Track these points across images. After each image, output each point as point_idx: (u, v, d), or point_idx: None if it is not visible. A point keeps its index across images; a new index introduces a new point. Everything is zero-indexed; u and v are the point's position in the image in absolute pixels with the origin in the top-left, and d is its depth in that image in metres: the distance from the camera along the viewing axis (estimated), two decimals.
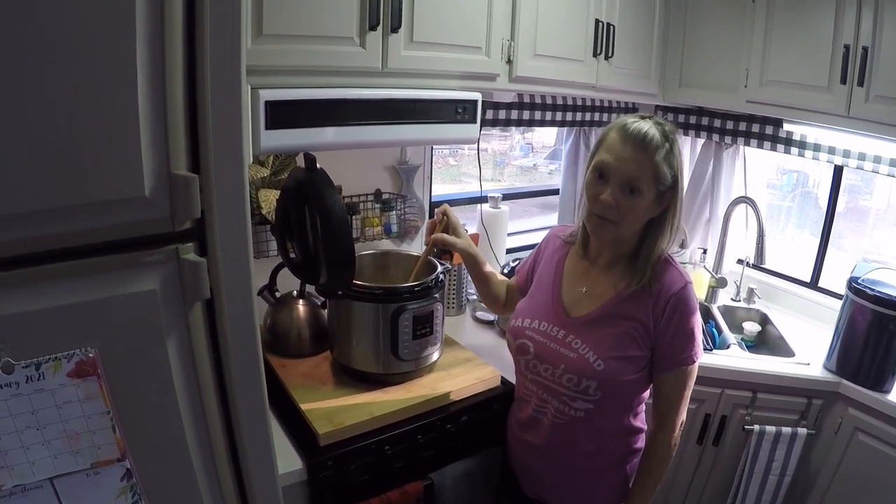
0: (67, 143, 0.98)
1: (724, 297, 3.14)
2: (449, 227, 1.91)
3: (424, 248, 1.96)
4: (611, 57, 2.55)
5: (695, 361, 1.59)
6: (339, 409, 1.81)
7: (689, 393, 1.63)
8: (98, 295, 1.07)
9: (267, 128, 1.64)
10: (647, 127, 1.49)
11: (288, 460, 1.64)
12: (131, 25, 0.99)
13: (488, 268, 2.00)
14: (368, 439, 1.76)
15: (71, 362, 1.06)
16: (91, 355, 1.08)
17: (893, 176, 2.50)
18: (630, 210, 1.50)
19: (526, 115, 2.87)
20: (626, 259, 1.63)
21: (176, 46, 1.06)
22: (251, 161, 2.01)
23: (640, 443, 1.74)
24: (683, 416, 1.65)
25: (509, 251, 3.05)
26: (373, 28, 1.80)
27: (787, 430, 2.38)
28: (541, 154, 4.75)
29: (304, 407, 1.80)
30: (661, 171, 1.48)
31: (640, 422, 1.74)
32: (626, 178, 1.48)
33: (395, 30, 1.84)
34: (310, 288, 2.14)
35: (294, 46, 1.70)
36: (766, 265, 3.03)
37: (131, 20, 0.99)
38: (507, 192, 3.15)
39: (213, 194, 1.14)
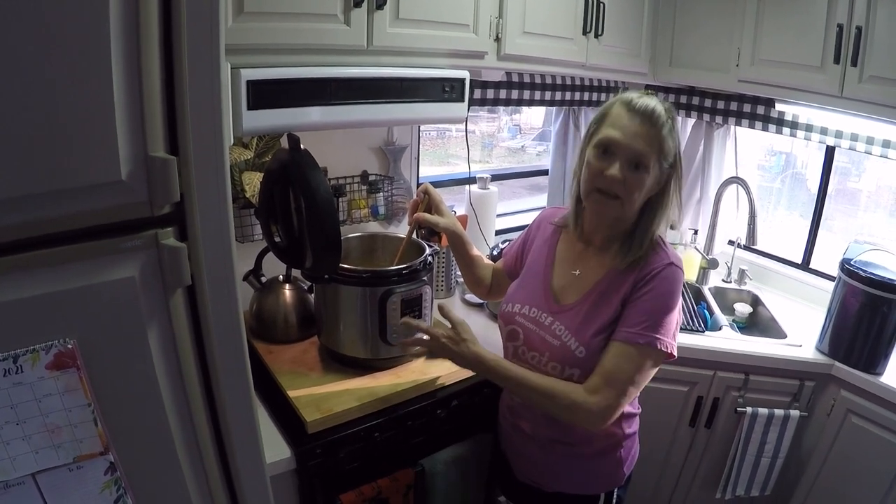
0: (39, 127, 0.94)
1: (716, 279, 3.13)
2: (431, 205, 1.86)
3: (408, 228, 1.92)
4: (601, 35, 2.52)
5: (654, 346, 1.47)
6: (327, 396, 1.78)
7: (636, 376, 1.49)
8: (75, 284, 1.04)
9: (249, 108, 1.60)
10: (653, 103, 1.46)
11: (276, 449, 1.62)
12: (104, 3, 0.94)
13: (474, 250, 1.97)
14: (357, 426, 1.74)
15: (49, 354, 1.03)
16: (70, 346, 1.04)
17: (886, 157, 2.48)
18: (637, 186, 1.47)
19: (514, 94, 2.83)
20: (620, 239, 1.59)
21: (151, 25, 1.01)
22: (233, 142, 1.96)
23: (634, 426, 1.73)
24: (618, 401, 1.48)
25: (498, 232, 3.03)
26: (357, 5, 1.75)
27: (779, 412, 2.38)
28: (528, 135, 4.73)
29: (291, 394, 1.78)
30: (667, 146, 1.46)
31: (633, 406, 1.71)
32: (635, 154, 1.45)
33: (380, 6, 1.80)
34: (296, 272, 2.11)
35: (276, 24, 1.66)
36: (758, 246, 3.01)
37: None
38: (495, 172, 3.11)
39: (192, 177, 1.10)
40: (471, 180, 2.83)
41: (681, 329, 1.58)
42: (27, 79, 0.91)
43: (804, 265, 3.08)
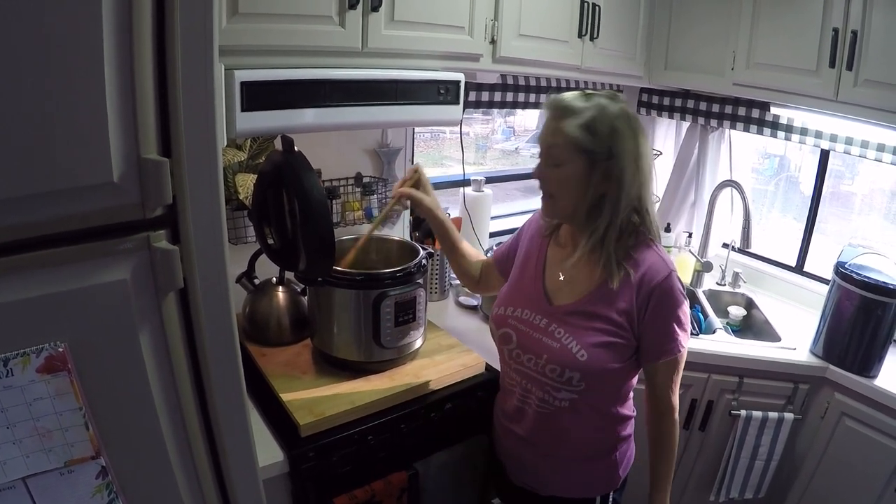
0: (30, 128, 0.93)
1: (710, 282, 3.13)
2: (419, 185, 1.82)
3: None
4: (596, 38, 2.52)
5: (683, 348, 1.57)
6: (320, 399, 1.78)
7: (679, 377, 1.61)
8: (66, 286, 1.03)
9: (243, 109, 1.59)
10: (570, 97, 1.48)
11: (269, 452, 1.61)
12: (97, 3, 0.94)
13: (460, 241, 1.93)
14: (351, 429, 1.73)
15: (40, 357, 1.02)
16: (61, 350, 1.03)
17: (881, 161, 2.48)
18: (557, 181, 1.50)
19: (509, 96, 2.83)
20: (600, 246, 1.58)
21: (145, 25, 1.01)
22: (226, 144, 1.96)
23: (629, 430, 1.73)
24: (677, 398, 1.64)
25: (492, 235, 3.02)
26: (352, 6, 1.75)
27: (773, 414, 2.38)
28: (523, 137, 4.73)
29: (284, 397, 1.77)
30: (575, 137, 1.44)
31: (628, 409, 1.71)
32: (546, 149, 1.51)
33: (375, 8, 1.80)
34: (289, 274, 2.10)
35: (271, 26, 1.65)
36: (752, 249, 3.01)
37: None
38: (489, 175, 3.10)
39: (184, 179, 1.09)
40: (465, 182, 2.83)
41: None
42: (18, 79, 0.90)
43: (798, 268, 3.08)
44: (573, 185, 1.49)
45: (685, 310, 1.57)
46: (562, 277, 1.63)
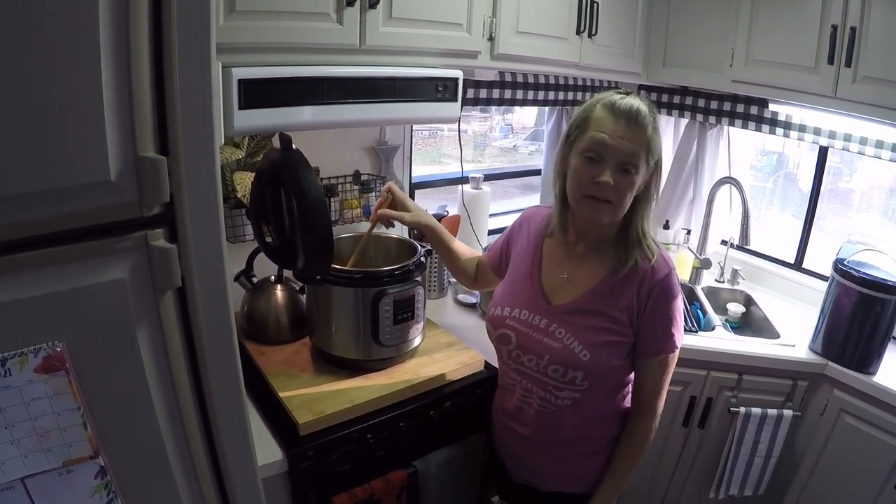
0: (27, 127, 0.92)
1: (708, 279, 3.13)
2: (396, 204, 1.83)
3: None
4: (594, 35, 2.51)
5: (677, 348, 1.57)
6: (319, 397, 1.77)
7: (669, 379, 1.61)
8: (63, 286, 1.02)
9: (240, 107, 1.58)
10: (636, 102, 1.44)
11: (268, 451, 1.61)
12: (94, 1, 0.93)
13: (454, 242, 1.95)
14: (350, 428, 1.73)
15: (38, 357, 1.01)
16: (58, 349, 1.03)
17: (879, 158, 2.48)
18: (628, 189, 1.45)
19: (507, 94, 2.82)
20: (608, 242, 1.58)
21: (141, 23, 1.00)
22: (223, 142, 1.95)
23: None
24: (662, 403, 1.63)
25: (491, 232, 3.02)
26: (350, 3, 1.74)
27: (772, 411, 2.38)
28: (521, 135, 4.73)
29: (283, 395, 1.77)
30: (654, 145, 1.45)
31: (628, 402, 1.71)
32: (625, 157, 1.42)
33: (373, 5, 1.79)
34: (288, 273, 2.10)
35: (268, 23, 1.64)
36: (750, 246, 3.01)
37: None
38: (488, 172, 3.10)
39: (182, 177, 1.08)
40: (463, 180, 2.82)
41: None
42: (14, 77, 0.89)
43: (797, 265, 3.08)
44: (634, 191, 1.48)
45: (681, 309, 1.58)
46: (565, 276, 1.62)
